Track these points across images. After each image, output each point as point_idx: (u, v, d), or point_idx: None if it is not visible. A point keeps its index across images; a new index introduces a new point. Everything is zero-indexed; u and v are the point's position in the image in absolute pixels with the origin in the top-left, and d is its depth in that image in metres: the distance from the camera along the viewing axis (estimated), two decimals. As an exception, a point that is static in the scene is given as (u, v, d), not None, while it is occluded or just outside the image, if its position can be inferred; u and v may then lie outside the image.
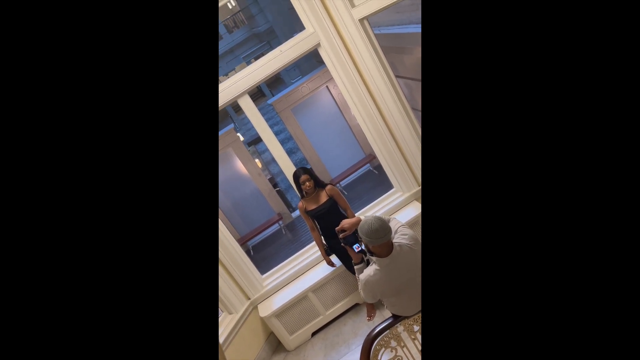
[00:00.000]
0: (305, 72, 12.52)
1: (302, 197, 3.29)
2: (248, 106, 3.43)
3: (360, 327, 3.45)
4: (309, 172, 3.18)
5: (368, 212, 3.80)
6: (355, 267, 2.30)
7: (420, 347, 2.25)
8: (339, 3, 3.13)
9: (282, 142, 11.97)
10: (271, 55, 3.35)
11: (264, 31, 17.12)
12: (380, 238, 1.99)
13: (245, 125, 16.47)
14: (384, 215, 2.17)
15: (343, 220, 2.31)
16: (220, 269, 3.53)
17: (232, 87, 3.33)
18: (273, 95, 13.44)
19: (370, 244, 2.03)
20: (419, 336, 2.22)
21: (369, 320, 3.43)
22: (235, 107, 16.22)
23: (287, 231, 8.53)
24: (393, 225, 2.18)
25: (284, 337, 3.62)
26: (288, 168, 3.54)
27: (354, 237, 2.25)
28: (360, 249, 2.26)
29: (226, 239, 3.53)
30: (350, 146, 9.10)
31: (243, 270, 3.63)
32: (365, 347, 2.15)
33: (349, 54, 3.30)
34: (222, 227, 3.51)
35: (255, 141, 14.55)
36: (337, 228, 2.30)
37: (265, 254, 8.00)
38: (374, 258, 2.09)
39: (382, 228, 1.99)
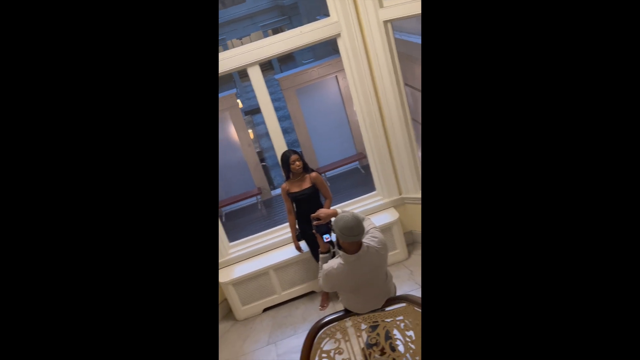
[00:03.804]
0: (319, 57, 12.41)
1: (288, 178, 3.33)
2: (256, 77, 3.44)
3: (311, 314, 3.53)
4: (300, 155, 3.23)
5: (346, 208, 3.86)
6: (321, 255, 2.36)
7: (362, 345, 2.34)
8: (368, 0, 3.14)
9: (279, 120, 11.77)
10: (290, 33, 3.35)
11: (288, 5, 16.83)
12: (353, 236, 2.05)
13: (246, 93, 16.28)
14: (360, 214, 2.23)
15: (320, 209, 2.36)
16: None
17: (245, 54, 3.32)
18: (282, 71, 13.30)
19: (341, 239, 2.09)
20: (364, 335, 2.30)
21: (321, 309, 3.52)
22: (240, 73, 15.98)
23: (263, 207, 8.54)
24: (366, 225, 2.24)
25: (236, 307, 3.68)
26: (279, 146, 3.57)
27: (326, 227, 2.30)
28: (329, 239, 2.32)
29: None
30: (344, 140, 9.12)
31: (212, 234, 3.65)
32: (312, 332, 2.22)
33: (365, 51, 3.33)
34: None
35: (253, 111, 14.41)
36: (312, 215, 2.35)
37: (237, 224, 8.00)
38: (341, 252, 2.15)
39: (357, 227, 2.05)
